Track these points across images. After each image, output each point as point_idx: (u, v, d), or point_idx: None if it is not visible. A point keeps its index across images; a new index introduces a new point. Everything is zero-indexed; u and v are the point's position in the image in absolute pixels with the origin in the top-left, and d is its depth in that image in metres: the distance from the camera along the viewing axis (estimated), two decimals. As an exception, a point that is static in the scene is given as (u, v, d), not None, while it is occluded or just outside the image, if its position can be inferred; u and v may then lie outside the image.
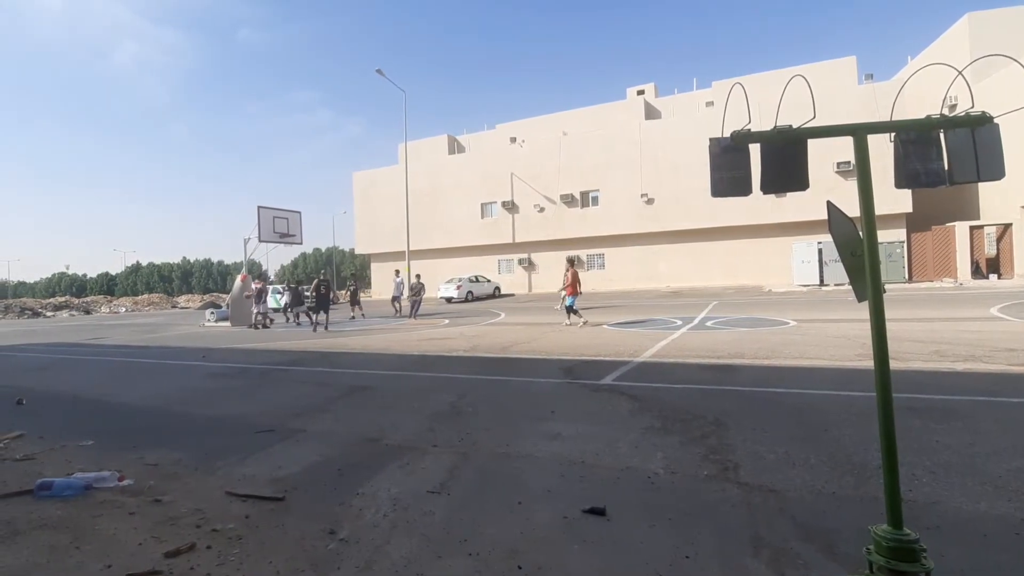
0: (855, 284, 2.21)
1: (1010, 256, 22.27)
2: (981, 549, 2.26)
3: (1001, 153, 2.14)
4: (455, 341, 10.58)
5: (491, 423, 4.53)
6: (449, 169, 35.50)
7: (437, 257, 35.22)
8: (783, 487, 2.96)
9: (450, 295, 26.71)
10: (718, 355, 7.35)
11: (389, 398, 5.77)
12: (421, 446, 3.98)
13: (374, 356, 9.25)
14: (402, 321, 16.82)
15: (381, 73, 27.71)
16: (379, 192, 37.08)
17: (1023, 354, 6.29)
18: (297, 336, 13.59)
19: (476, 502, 2.94)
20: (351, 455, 3.87)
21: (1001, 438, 3.53)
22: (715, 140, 2.29)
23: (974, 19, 26.21)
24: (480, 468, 3.49)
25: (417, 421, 4.70)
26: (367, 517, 2.80)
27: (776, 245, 26.16)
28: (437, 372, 7.33)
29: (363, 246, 39.06)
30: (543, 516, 2.72)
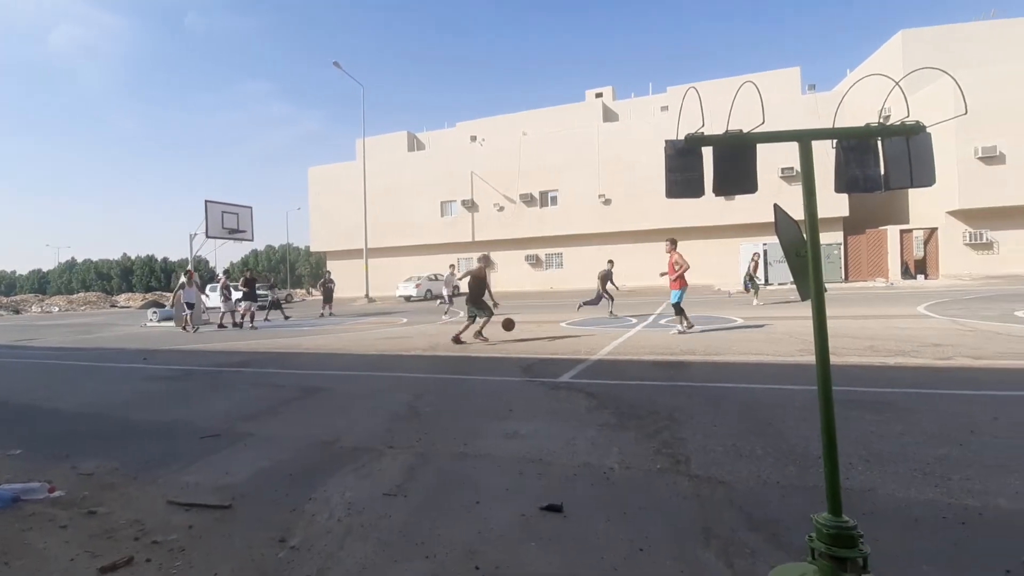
0: (799, 283, 2.31)
1: (935, 258, 23.90)
2: (912, 533, 2.40)
3: (933, 161, 2.28)
4: (414, 340, 10.45)
5: (449, 423, 4.49)
6: (409, 166, 35.05)
7: (396, 255, 34.73)
8: (731, 479, 3.07)
9: (409, 293, 26.39)
10: (671, 352, 7.55)
11: (345, 399, 5.64)
12: (377, 448, 3.91)
13: (330, 356, 9.02)
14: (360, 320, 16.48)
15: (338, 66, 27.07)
16: (336, 188, 36.21)
17: (947, 349, 6.76)
18: (248, 337, 13.10)
19: (433, 503, 2.91)
20: (304, 459, 3.76)
21: (929, 427, 3.77)
22: (670, 142, 2.34)
23: (907, 36, 27.97)
24: (438, 469, 3.45)
25: (373, 422, 4.62)
26: (320, 523, 2.73)
27: (726, 246, 27.15)
28: (395, 372, 7.22)
29: (319, 243, 38.07)
30: (501, 515, 2.72)
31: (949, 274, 23.15)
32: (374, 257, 32.37)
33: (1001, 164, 22.64)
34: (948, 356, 6.33)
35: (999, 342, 7.14)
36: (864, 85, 21.69)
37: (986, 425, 3.76)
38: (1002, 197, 22.63)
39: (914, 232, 24.39)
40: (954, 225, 24.12)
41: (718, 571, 2.15)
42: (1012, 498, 2.67)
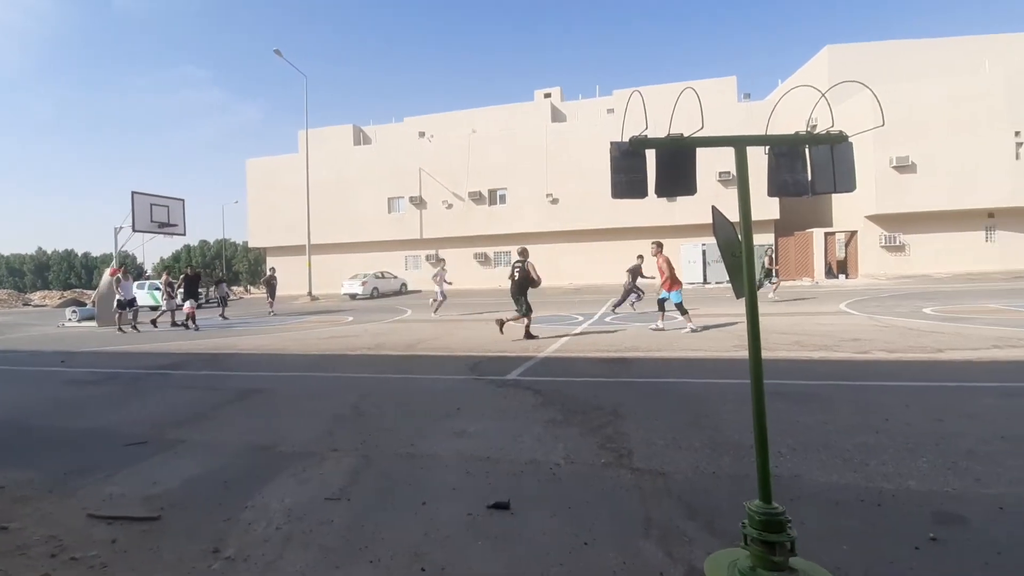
0: (734, 282, 2.42)
1: (855, 259, 25.73)
2: (833, 515, 2.58)
3: (854, 168, 2.44)
4: (359, 339, 10.20)
5: (395, 423, 4.42)
6: (355, 161, 34.12)
7: (341, 252, 33.75)
8: (671, 470, 3.19)
9: (355, 291, 25.69)
10: (616, 349, 7.74)
11: (284, 401, 5.43)
12: (320, 451, 3.79)
13: (269, 357, 8.66)
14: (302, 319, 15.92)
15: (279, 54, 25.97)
16: (277, 182, 34.76)
17: (865, 343, 7.29)
18: (181, 337, 12.37)
19: (378, 506, 2.85)
20: (240, 465, 3.59)
21: (850, 417, 4.06)
22: (615, 144, 2.39)
23: (833, 51, 29.89)
24: (383, 470, 3.39)
25: (316, 425, 4.47)
26: (257, 531, 2.61)
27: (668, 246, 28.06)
28: (339, 372, 7.02)
29: (258, 239, 36.43)
30: (448, 515, 2.70)
31: (867, 274, 24.98)
32: (317, 254, 31.32)
33: (912, 173, 24.65)
34: (866, 350, 6.83)
35: (910, 337, 7.77)
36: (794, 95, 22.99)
37: (899, 413, 4.09)
38: (913, 203, 24.65)
39: (836, 235, 26.15)
40: (871, 229, 26.03)
41: (657, 560, 2.22)
42: (921, 480, 2.91)
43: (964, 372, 5.47)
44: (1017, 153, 23.90)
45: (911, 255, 25.85)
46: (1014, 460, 3.11)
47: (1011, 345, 6.73)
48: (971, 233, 25.28)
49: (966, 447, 3.34)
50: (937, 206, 24.47)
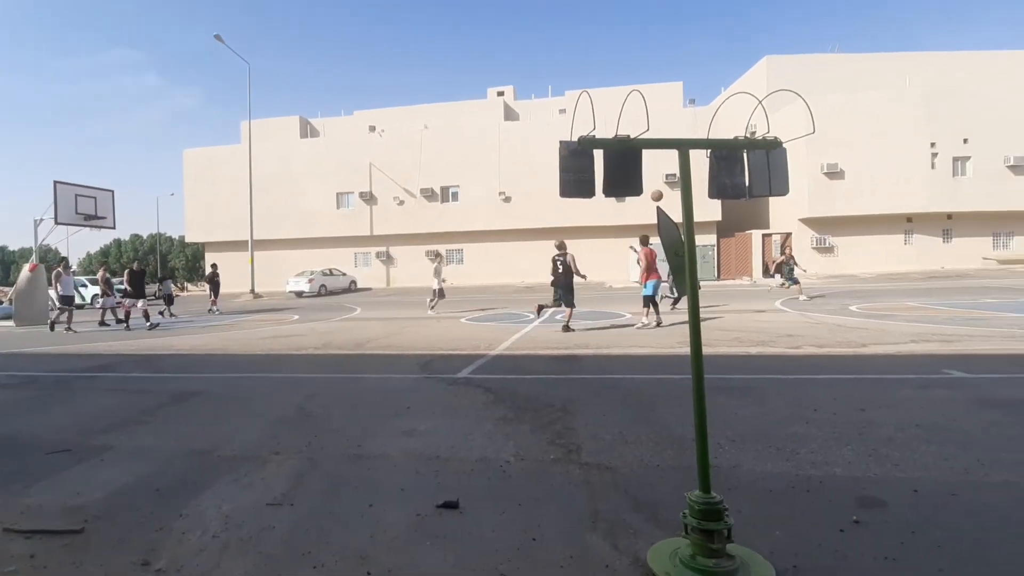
0: (677, 281, 2.51)
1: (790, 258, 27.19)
2: (767, 502, 2.72)
3: (787, 173, 2.58)
4: (305, 338, 9.88)
5: (343, 424, 4.31)
6: (301, 154, 32.99)
7: (286, 248, 32.59)
8: (618, 464, 3.27)
9: (301, 289, 24.86)
10: (566, 346, 7.86)
11: (224, 404, 5.19)
12: (261, 455, 3.64)
13: (209, 357, 8.25)
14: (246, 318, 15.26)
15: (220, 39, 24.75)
16: (217, 174, 33.14)
17: (798, 339, 7.72)
18: (111, 337, 11.58)
19: (323, 510, 2.77)
20: (174, 472, 3.41)
21: (783, 409, 4.29)
22: (564, 143, 2.42)
23: (771, 61, 31.44)
24: (329, 473, 3.30)
25: (258, 428, 4.30)
26: (192, 541, 2.49)
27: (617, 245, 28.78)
28: (283, 372, 6.78)
29: (195, 234, 34.64)
30: (395, 516, 2.66)
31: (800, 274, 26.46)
32: (261, 250, 30.12)
33: (841, 179, 26.30)
34: (798, 345, 7.23)
35: (838, 333, 8.29)
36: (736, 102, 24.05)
37: (827, 404, 4.35)
38: (841, 208, 26.31)
39: (773, 236, 27.55)
40: (804, 231, 27.59)
41: (603, 552, 2.27)
42: (845, 467, 3.12)
43: (885, 365, 5.90)
44: (933, 163, 25.93)
45: (839, 256, 27.58)
46: (927, 446, 3.37)
47: (926, 340, 7.30)
48: (892, 236, 27.23)
49: (886, 435, 3.60)
50: (862, 211, 26.21)
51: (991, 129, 25.44)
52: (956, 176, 26.04)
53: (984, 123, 25.46)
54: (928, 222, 26.85)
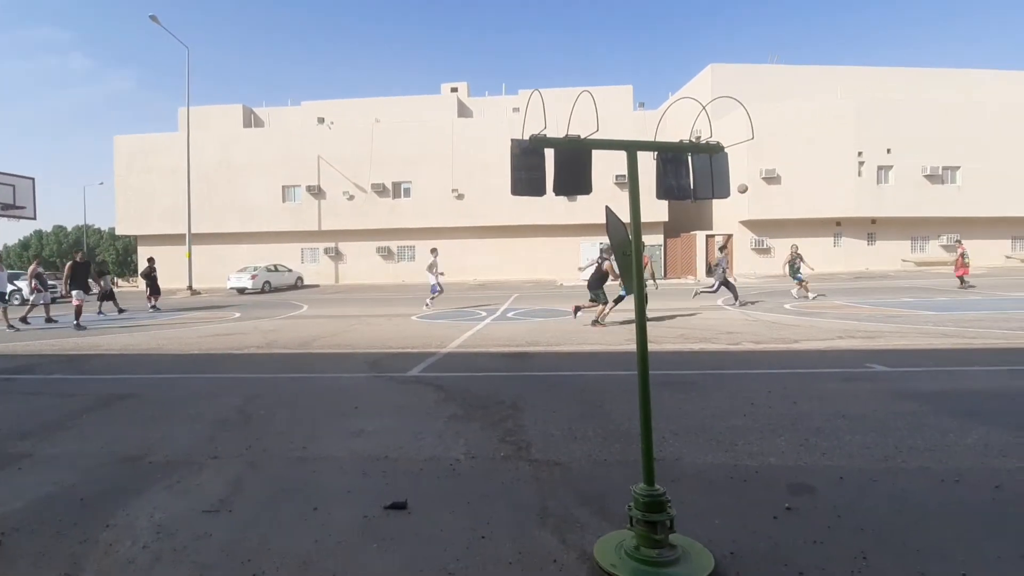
0: (625, 279, 2.56)
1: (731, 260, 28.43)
2: (707, 492, 2.83)
3: (728, 177, 2.69)
4: (247, 336, 9.48)
5: (286, 426, 4.17)
6: (245, 144, 31.53)
7: (228, 242, 31.11)
8: (567, 460, 3.32)
9: (243, 285, 23.78)
10: (517, 344, 7.90)
11: (157, 407, 4.91)
12: (198, 460, 3.47)
13: (141, 357, 7.78)
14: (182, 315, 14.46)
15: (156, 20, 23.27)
16: (152, 162, 31.22)
17: (737, 336, 8.08)
18: (33, 336, 10.70)
19: (264, 515, 2.67)
20: (101, 480, 3.19)
21: (723, 403, 4.48)
22: (516, 142, 2.43)
23: (716, 69, 32.70)
24: (271, 477, 3.18)
25: (194, 431, 4.09)
26: (120, 552, 2.34)
27: (568, 243, 29.21)
28: (223, 372, 6.48)
29: (127, 226, 32.51)
30: (341, 519, 2.60)
31: (741, 274, 27.67)
32: (200, 244, 28.64)
33: (778, 184, 27.70)
34: (737, 342, 7.57)
35: (774, 330, 8.74)
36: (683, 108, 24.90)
37: (762, 398, 4.58)
38: (778, 211, 27.73)
39: (716, 237, 28.71)
40: (744, 232, 28.91)
41: (552, 547, 2.30)
42: (779, 456, 3.29)
43: (815, 360, 6.26)
44: (860, 171, 27.71)
45: (775, 257, 29.03)
46: (852, 436, 3.61)
47: (852, 336, 7.80)
48: (823, 239, 28.92)
49: (815, 426, 3.82)
50: (797, 214, 27.70)
51: (911, 141, 27.47)
52: (880, 184, 27.96)
53: (905, 135, 27.45)
54: (855, 226, 28.71)
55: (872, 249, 29.11)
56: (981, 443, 3.42)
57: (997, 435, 3.54)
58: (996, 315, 9.71)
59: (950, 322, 8.94)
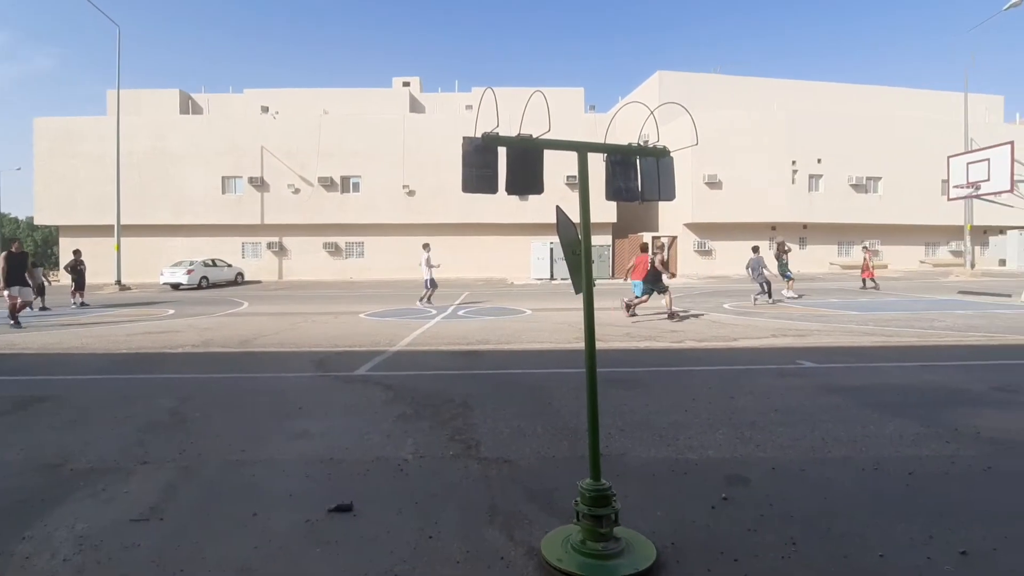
0: (574, 278, 2.61)
1: (676, 260, 29.44)
2: (651, 485, 2.93)
3: (674, 180, 2.78)
4: (182, 335, 8.98)
5: (224, 428, 3.98)
6: (182, 131, 29.82)
7: (162, 235, 29.37)
8: (516, 457, 3.34)
9: (178, 281, 22.50)
10: (467, 342, 7.88)
11: (80, 410, 4.57)
12: (125, 466, 3.26)
13: (63, 357, 7.22)
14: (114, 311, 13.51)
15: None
16: (77, 148, 29.02)
17: (680, 334, 8.39)
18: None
19: (199, 523, 2.55)
20: (15, 489, 2.94)
21: (666, 399, 4.63)
22: (468, 139, 2.42)
23: (663, 76, 33.77)
24: (207, 482, 3.03)
25: (121, 435, 3.84)
26: (38, 566, 2.17)
27: (519, 243, 29.37)
28: (155, 373, 6.12)
29: (48, 215, 30.08)
30: (282, 524, 2.51)
31: (684, 274, 28.75)
32: (130, 236, 26.87)
33: (719, 189, 28.95)
34: (681, 340, 7.86)
35: (714, 328, 9.12)
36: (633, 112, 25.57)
37: (703, 393, 4.78)
38: (719, 215, 28.99)
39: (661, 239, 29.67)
40: (688, 235, 30.04)
41: (500, 544, 2.32)
42: (717, 449, 3.44)
43: (751, 357, 6.59)
44: (793, 179, 29.36)
45: (716, 258, 30.36)
46: (783, 428, 3.83)
47: (784, 334, 8.26)
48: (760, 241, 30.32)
49: (750, 420, 4.03)
50: (736, 218, 29.06)
51: (839, 152, 29.38)
52: (811, 191, 29.73)
53: (834, 146, 29.33)
54: (789, 231, 30.38)
55: (804, 253, 30.89)
56: (897, 434, 3.70)
57: (911, 426, 3.85)
58: (910, 315, 10.53)
59: (871, 321, 9.62)
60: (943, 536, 2.33)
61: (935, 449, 3.41)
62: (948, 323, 9.34)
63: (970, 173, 13.87)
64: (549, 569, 2.11)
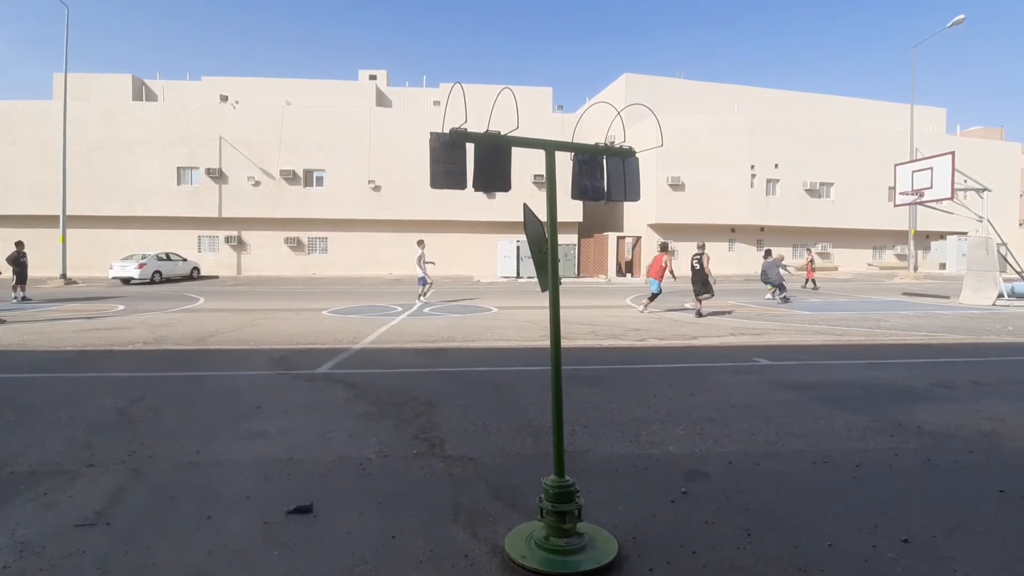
0: (540, 276, 2.62)
1: (639, 260, 30.01)
2: (613, 480, 2.98)
3: (639, 181, 2.83)
4: (133, 331, 8.59)
5: (177, 429, 3.83)
6: (135, 118, 28.43)
7: (113, 226, 27.96)
8: (480, 455, 3.34)
9: (128, 275, 21.45)
10: (433, 340, 7.83)
11: (22, 410, 4.32)
12: (70, 468, 3.10)
13: (1, 354, 6.80)
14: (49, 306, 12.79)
15: (17, -30, 20.30)
16: (18, 133, 27.32)
17: (643, 332, 8.55)
18: None
19: (149, 527, 2.45)
20: (-59, 495, 2.76)
21: (629, 396, 4.72)
22: (436, 134, 2.41)
23: (630, 79, 34.32)
24: (158, 484, 2.92)
25: (66, 437, 3.65)
26: (-33, 577, 2.04)
27: (486, 240, 29.32)
28: (103, 371, 5.84)
29: (-19, 204, 28.19)
30: (239, 527, 2.44)
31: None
32: (77, 227, 25.48)
33: (682, 191, 29.64)
34: (643, 338, 8.01)
35: (676, 327, 9.34)
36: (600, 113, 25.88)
37: (664, 390, 4.89)
38: (681, 216, 29.69)
39: (626, 239, 30.17)
40: (652, 235, 30.60)
41: (464, 542, 2.31)
42: (677, 444, 3.53)
43: (710, 355, 6.78)
44: (752, 183, 30.32)
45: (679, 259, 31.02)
46: (739, 424, 3.95)
47: (742, 333, 8.52)
48: (720, 243, 31.32)
49: (708, 415, 4.14)
50: (697, 220, 29.81)
51: (795, 158, 30.51)
52: (769, 195, 30.78)
53: (790, 152, 30.44)
54: (747, 233, 31.38)
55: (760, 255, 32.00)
56: (845, 427, 3.88)
57: (858, 421, 4.04)
58: (859, 315, 11.04)
59: (822, 321, 10.04)
60: (887, 525, 2.46)
61: (880, 442, 3.59)
62: (893, 323, 9.84)
63: (915, 181, 14.61)
64: (513, 566, 2.12)
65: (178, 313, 11.42)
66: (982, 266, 13.69)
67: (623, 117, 3.35)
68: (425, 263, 13.99)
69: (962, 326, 9.44)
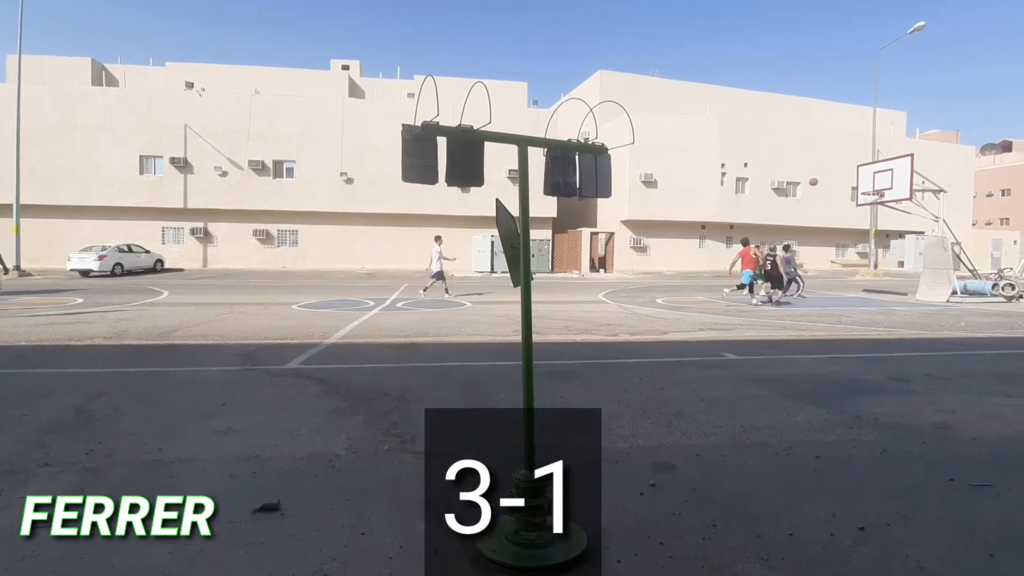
0: (512, 271, 2.62)
1: (612, 256, 30.33)
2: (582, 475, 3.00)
3: (611, 178, 2.85)
4: (92, 326, 8.27)
5: (138, 426, 3.72)
6: (94, 104, 27.26)
7: (71, 216, 26.78)
8: (452, 450, 3.33)
9: (87, 267, 20.61)
10: (405, 334, 7.77)
11: (-35, 408, 4.12)
12: (23, 468, 2.98)
13: (-61, 350, 6.46)
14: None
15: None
16: (-39, 116, 25.87)
17: (615, 328, 8.66)
18: None
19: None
20: None
21: (600, 390, 4.78)
22: (408, 127, 2.38)
23: (604, 76, 34.55)
24: (118, 484, 2.82)
25: (19, 436, 3.50)
26: (-92, 584, 1.94)
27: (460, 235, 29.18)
28: (59, 367, 5.61)
29: (-76, 191, 26.66)
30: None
31: (620, 269, 29.67)
32: (32, 216, 24.35)
33: (655, 188, 30.05)
34: (615, 333, 8.12)
35: (647, 322, 9.48)
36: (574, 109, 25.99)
37: (635, 385, 4.96)
38: (654, 213, 30.12)
39: (599, 235, 30.46)
40: (624, 231, 31.00)
41: (434, 538, 2.31)
42: (647, 438, 3.59)
43: (680, 350, 6.91)
44: (722, 181, 30.93)
45: (651, 255, 31.55)
46: (706, 417, 4.04)
47: (710, 328, 8.71)
48: (690, 240, 31.93)
49: (677, 409, 4.22)
50: (669, 217, 30.28)
51: (764, 157, 31.24)
52: (738, 193, 31.46)
53: (759, 152, 31.15)
54: (717, 230, 32.04)
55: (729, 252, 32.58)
56: (807, 420, 4.01)
57: (819, 413, 4.18)
58: (822, 311, 11.40)
59: (787, 317, 10.34)
60: (844, 514, 2.56)
61: (840, 434, 3.72)
62: (854, 318, 10.19)
63: (876, 181, 15.14)
64: (484, 561, 2.13)
65: (141, 307, 11.04)
66: (938, 264, 14.29)
67: (596, 114, 3.37)
68: (440, 259, 13.95)
69: (918, 322, 9.85)
